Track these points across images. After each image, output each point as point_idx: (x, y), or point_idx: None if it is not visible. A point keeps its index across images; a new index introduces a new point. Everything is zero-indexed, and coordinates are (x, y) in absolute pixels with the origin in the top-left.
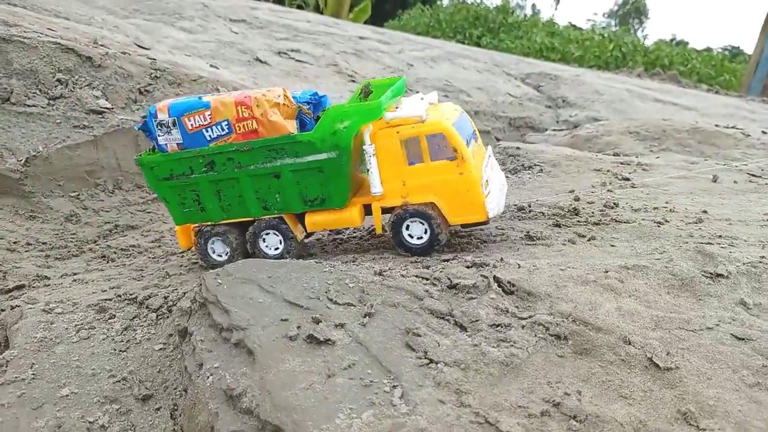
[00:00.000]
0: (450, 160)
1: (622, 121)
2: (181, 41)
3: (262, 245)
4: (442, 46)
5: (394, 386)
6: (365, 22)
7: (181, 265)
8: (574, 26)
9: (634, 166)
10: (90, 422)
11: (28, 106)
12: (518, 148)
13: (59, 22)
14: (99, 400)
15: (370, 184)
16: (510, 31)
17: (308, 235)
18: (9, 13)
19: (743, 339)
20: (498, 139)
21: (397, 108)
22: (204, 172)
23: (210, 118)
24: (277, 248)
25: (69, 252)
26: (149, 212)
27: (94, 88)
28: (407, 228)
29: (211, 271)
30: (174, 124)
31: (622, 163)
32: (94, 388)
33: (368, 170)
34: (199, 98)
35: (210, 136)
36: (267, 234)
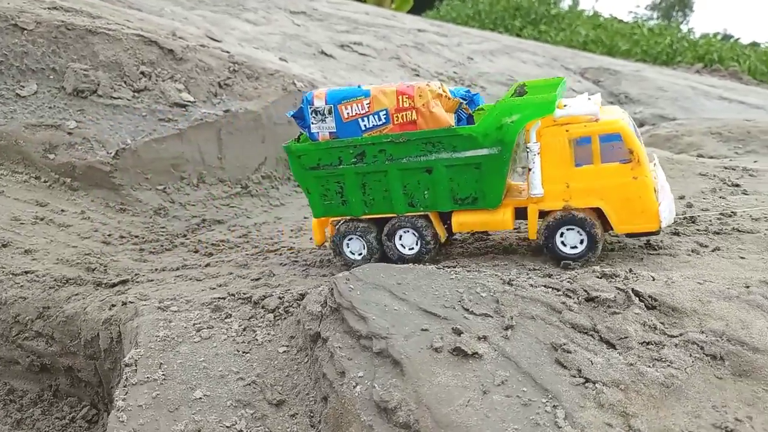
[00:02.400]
0: (623, 163)
1: (702, 120)
2: (248, 33)
3: (398, 243)
4: (498, 39)
5: (555, 406)
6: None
7: (282, 264)
8: (618, 19)
9: (741, 172)
10: (227, 427)
11: (115, 98)
12: None
13: (133, 13)
14: (232, 403)
15: (529, 184)
16: (551, 23)
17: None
18: (89, 5)
19: None
20: None
21: (565, 106)
22: (353, 163)
23: (368, 107)
24: (412, 248)
25: (162, 246)
26: (233, 207)
27: (176, 81)
28: (561, 235)
29: (339, 275)
30: (329, 112)
31: (726, 168)
32: (225, 391)
33: (529, 170)
34: (359, 86)
35: (365, 125)
36: (406, 232)
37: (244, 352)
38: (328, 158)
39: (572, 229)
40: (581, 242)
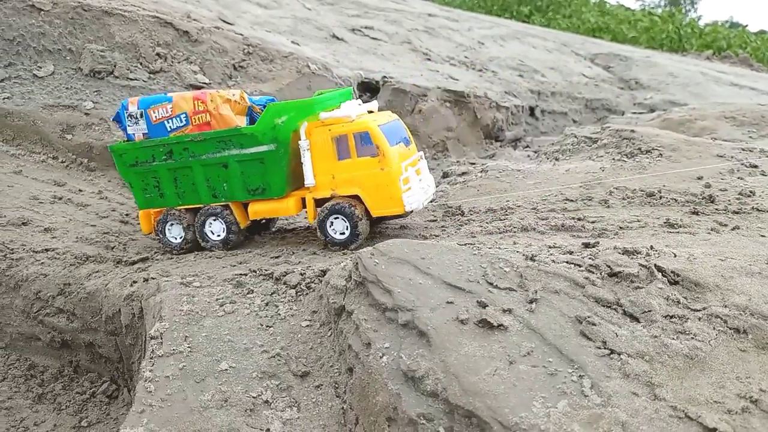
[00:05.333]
0: (373, 157)
1: (715, 105)
2: (260, 17)
3: (208, 230)
4: (508, 24)
5: (581, 376)
6: None
7: (299, 243)
8: (625, 7)
9: (758, 153)
10: (254, 397)
11: (131, 79)
12: (633, 131)
13: None
14: (258, 375)
15: (304, 176)
16: (559, 10)
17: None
18: None
19: None
20: (575, 121)
21: (337, 109)
22: (164, 160)
23: (171, 111)
24: (219, 235)
25: None
26: None
27: (191, 62)
28: (331, 224)
29: (363, 250)
30: (141, 116)
31: (743, 149)
32: (251, 363)
33: (303, 163)
34: (164, 94)
35: (170, 127)
36: (214, 220)
37: (267, 326)
38: (144, 156)
39: (338, 218)
40: (347, 228)
